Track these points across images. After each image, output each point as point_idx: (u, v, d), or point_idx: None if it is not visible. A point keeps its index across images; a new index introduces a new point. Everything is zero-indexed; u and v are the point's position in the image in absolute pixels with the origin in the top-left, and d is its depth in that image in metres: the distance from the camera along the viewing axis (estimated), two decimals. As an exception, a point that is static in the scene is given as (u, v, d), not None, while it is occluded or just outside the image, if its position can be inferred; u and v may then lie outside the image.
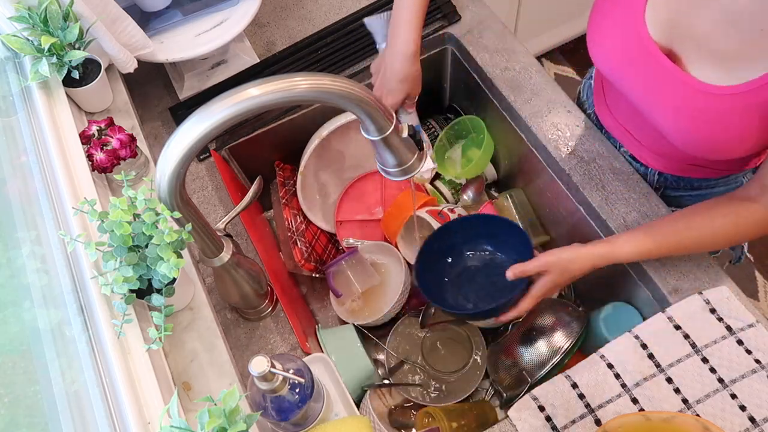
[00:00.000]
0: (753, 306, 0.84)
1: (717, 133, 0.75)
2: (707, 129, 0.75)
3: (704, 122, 0.75)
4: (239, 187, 1.10)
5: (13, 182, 0.84)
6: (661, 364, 0.81)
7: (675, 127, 0.79)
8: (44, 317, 0.74)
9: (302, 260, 1.07)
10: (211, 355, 0.81)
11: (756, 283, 1.85)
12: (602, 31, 0.83)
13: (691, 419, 0.72)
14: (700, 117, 0.75)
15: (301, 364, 0.75)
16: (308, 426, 0.79)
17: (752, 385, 0.78)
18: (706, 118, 0.74)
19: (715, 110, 0.73)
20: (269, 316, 0.95)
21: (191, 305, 0.85)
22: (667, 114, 0.79)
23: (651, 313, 0.87)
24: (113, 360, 0.70)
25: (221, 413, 0.60)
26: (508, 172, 1.22)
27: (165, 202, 0.66)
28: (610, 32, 0.81)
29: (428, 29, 1.17)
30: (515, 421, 0.80)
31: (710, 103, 0.73)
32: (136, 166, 0.93)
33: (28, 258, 0.78)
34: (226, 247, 0.80)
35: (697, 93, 0.74)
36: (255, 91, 0.59)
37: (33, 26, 0.88)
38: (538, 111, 1.05)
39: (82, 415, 0.68)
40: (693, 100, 0.74)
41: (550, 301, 1.01)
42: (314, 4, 1.23)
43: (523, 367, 0.93)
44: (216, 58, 1.13)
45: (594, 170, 0.98)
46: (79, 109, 1.01)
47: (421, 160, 0.78)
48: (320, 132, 1.08)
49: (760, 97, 0.69)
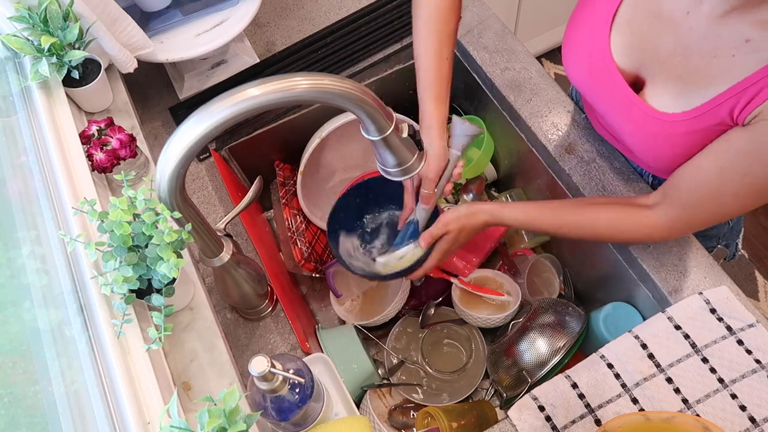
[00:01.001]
0: (753, 306, 0.84)
1: (666, 153, 0.78)
2: (657, 150, 0.78)
3: (655, 145, 0.78)
4: (239, 187, 1.10)
5: (13, 182, 0.84)
6: (661, 364, 0.81)
7: (631, 144, 0.83)
8: (44, 317, 0.74)
9: (302, 260, 1.07)
10: (211, 355, 0.81)
11: (756, 283, 1.86)
12: (573, 47, 0.85)
13: (691, 419, 0.72)
14: (651, 140, 0.78)
15: (301, 364, 0.75)
16: (308, 426, 0.79)
17: (752, 385, 0.78)
18: (656, 142, 0.78)
19: (664, 135, 0.76)
20: (269, 316, 0.95)
21: (191, 305, 0.85)
22: (625, 132, 0.83)
23: (651, 313, 0.87)
24: (113, 360, 0.70)
25: (221, 413, 0.60)
26: (508, 172, 1.22)
27: (165, 202, 0.66)
28: (578, 50, 0.84)
29: (428, 29, 1.17)
30: (515, 421, 0.80)
31: (660, 129, 0.76)
32: (136, 166, 0.93)
33: (28, 258, 0.78)
34: (226, 247, 0.80)
35: (649, 119, 0.77)
36: (255, 91, 0.59)
37: (33, 26, 0.88)
38: (538, 111, 1.05)
39: (82, 415, 0.68)
40: (645, 126, 0.78)
41: (550, 301, 1.01)
42: (314, 4, 1.23)
43: (523, 367, 0.93)
44: (216, 58, 1.13)
45: (594, 170, 0.98)
46: (79, 109, 1.01)
47: (421, 160, 0.78)
48: (320, 132, 1.08)
49: (704, 123, 0.71)
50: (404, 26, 1.17)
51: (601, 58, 0.80)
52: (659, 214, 0.79)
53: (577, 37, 0.84)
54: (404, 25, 1.17)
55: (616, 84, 0.79)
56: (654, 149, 0.79)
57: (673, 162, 0.77)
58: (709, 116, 0.71)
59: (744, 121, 0.67)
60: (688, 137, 0.74)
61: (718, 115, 0.70)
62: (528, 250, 1.16)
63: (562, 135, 1.03)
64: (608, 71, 0.80)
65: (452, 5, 0.87)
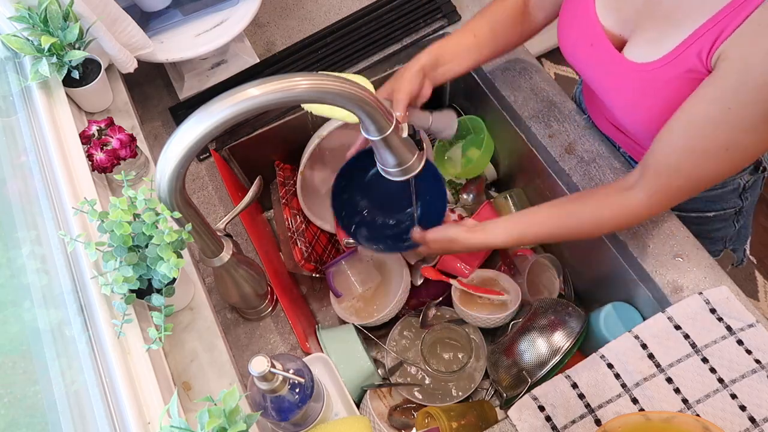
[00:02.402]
0: (753, 306, 0.84)
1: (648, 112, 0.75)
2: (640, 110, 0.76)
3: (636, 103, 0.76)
4: (239, 187, 1.10)
5: (13, 182, 0.84)
6: (661, 364, 0.81)
7: (619, 111, 0.81)
8: (44, 317, 0.74)
9: (302, 260, 1.07)
10: (211, 355, 0.81)
11: (756, 283, 1.85)
12: (564, 18, 0.86)
13: (691, 419, 0.72)
14: (633, 99, 0.77)
15: (301, 364, 0.75)
16: (308, 426, 0.79)
17: (752, 385, 0.78)
18: (637, 99, 0.76)
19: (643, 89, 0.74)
20: (269, 316, 0.95)
21: (191, 305, 0.85)
22: (613, 99, 0.81)
23: (651, 313, 0.87)
24: (113, 360, 0.70)
25: (221, 413, 0.60)
26: (508, 172, 1.22)
27: (165, 202, 0.66)
28: (568, 19, 0.84)
29: (428, 29, 1.17)
30: (515, 421, 0.80)
31: (639, 83, 0.74)
32: (136, 166, 0.93)
33: (28, 258, 0.78)
34: (226, 247, 0.80)
35: (629, 73, 0.75)
36: (255, 91, 0.59)
37: (33, 26, 0.88)
38: (538, 111, 1.05)
39: (82, 415, 0.68)
40: (627, 82, 0.76)
41: (550, 301, 1.01)
42: (314, 4, 1.23)
43: (523, 367, 0.93)
44: (216, 58, 1.13)
45: (594, 170, 0.98)
46: (79, 109, 1.01)
47: (422, 160, 0.78)
48: (320, 132, 1.08)
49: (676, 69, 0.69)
50: (404, 26, 1.17)
51: (588, 22, 0.80)
52: (638, 191, 0.76)
53: (569, 7, 0.84)
54: (404, 25, 1.17)
55: (601, 44, 0.79)
56: (637, 109, 0.77)
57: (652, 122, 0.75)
58: (680, 61, 0.69)
59: (711, 64, 0.65)
60: (662, 88, 0.72)
61: (688, 59, 0.67)
62: (528, 250, 1.16)
63: (562, 135, 1.03)
64: (594, 33, 0.79)
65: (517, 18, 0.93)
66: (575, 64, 0.88)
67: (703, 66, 0.67)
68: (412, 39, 1.16)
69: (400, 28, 1.17)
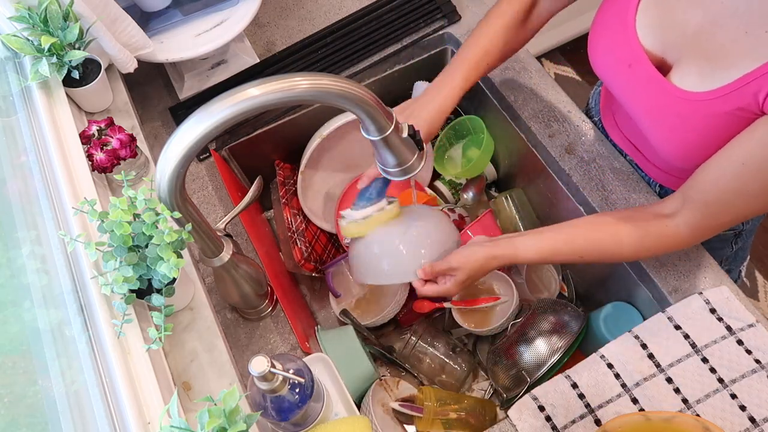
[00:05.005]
0: (753, 306, 0.84)
1: (684, 139, 0.75)
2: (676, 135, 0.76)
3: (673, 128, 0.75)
4: (239, 187, 1.10)
5: (13, 182, 0.84)
6: (661, 364, 0.81)
7: (650, 131, 0.80)
8: (44, 317, 0.74)
9: (302, 260, 1.07)
10: (211, 355, 0.81)
11: (756, 283, 1.85)
12: (599, 32, 0.83)
13: (691, 419, 0.72)
14: (671, 123, 0.75)
15: (301, 364, 0.75)
16: (308, 426, 0.79)
17: (752, 385, 0.78)
18: (675, 124, 0.75)
19: (685, 115, 0.73)
20: (269, 316, 0.95)
21: (191, 305, 0.85)
22: (645, 120, 0.80)
23: (651, 313, 0.87)
24: (113, 360, 0.70)
25: (221, 413, 0.60)
26: (508, 172, 1.22)
27: (165, 202, 0.66)
28: (603, 35, 0.82)
29: (428, 29, 1.17)
30: (515, 421, 0.80)
31: (681, 108, 0.73)
32: (136, 166, 0.93)
33: (28, 258, 0.78)
34: (226, 247, 0.80)
35: (671, 98, 0.74)
36: (255, 91, 0.59)
37: (33, 26, 0.88)
38: (538, 111, 1.05)
39: (82, 415, 0.68)
40: (667, 106, 0.75)
41: (550, 301, 1.01)
42: (314, 4, 1.23)
43: (523, 367, 0.93)
44: (216, 58, 1.13)
45: (594, 170, 0.98)
46: (79, 109, 1.01)
47: (422, 160, 0.78)
48: (320, 132, 1.08)
49: (727, 106, 0.68)
50: (404, 26, 1.17)
51: (627, 41, 0.77)
52: (679, 221, 0.76)
53: (604, 22, 0.82)
54: (404, 25, 1.17)
55: (642, 66, 0.76)
56: (672, 134, 0.75)
57: (690, 151, 0.74)
58: (733, 97, 0.67)
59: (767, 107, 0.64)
60: (709, 120, 0.70)
61: (742, 97, 0.66)
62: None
63: (562, 135, 1.03)
64: (634, 53, 0.77)
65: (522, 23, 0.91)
66: (608, 82, 0.86)
67: (758, 107, 0.65)
68: (412, 39, 1.16)
69: (400, 28, 1.17)
